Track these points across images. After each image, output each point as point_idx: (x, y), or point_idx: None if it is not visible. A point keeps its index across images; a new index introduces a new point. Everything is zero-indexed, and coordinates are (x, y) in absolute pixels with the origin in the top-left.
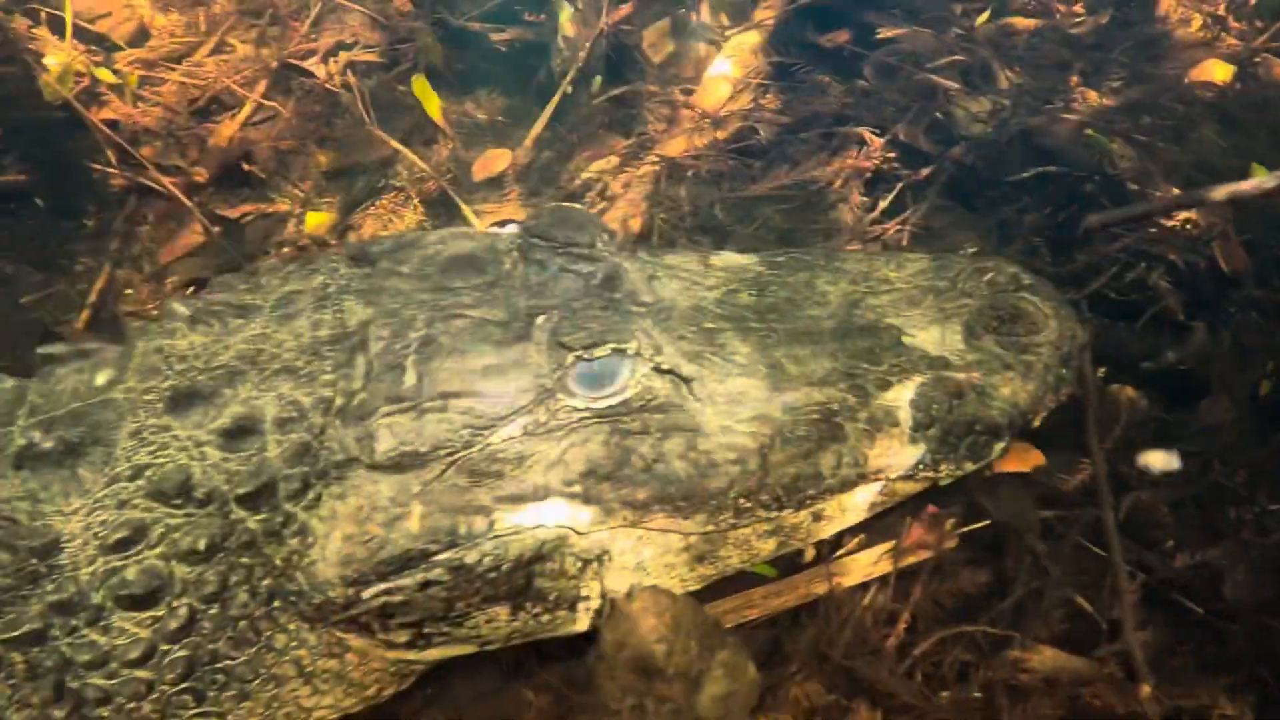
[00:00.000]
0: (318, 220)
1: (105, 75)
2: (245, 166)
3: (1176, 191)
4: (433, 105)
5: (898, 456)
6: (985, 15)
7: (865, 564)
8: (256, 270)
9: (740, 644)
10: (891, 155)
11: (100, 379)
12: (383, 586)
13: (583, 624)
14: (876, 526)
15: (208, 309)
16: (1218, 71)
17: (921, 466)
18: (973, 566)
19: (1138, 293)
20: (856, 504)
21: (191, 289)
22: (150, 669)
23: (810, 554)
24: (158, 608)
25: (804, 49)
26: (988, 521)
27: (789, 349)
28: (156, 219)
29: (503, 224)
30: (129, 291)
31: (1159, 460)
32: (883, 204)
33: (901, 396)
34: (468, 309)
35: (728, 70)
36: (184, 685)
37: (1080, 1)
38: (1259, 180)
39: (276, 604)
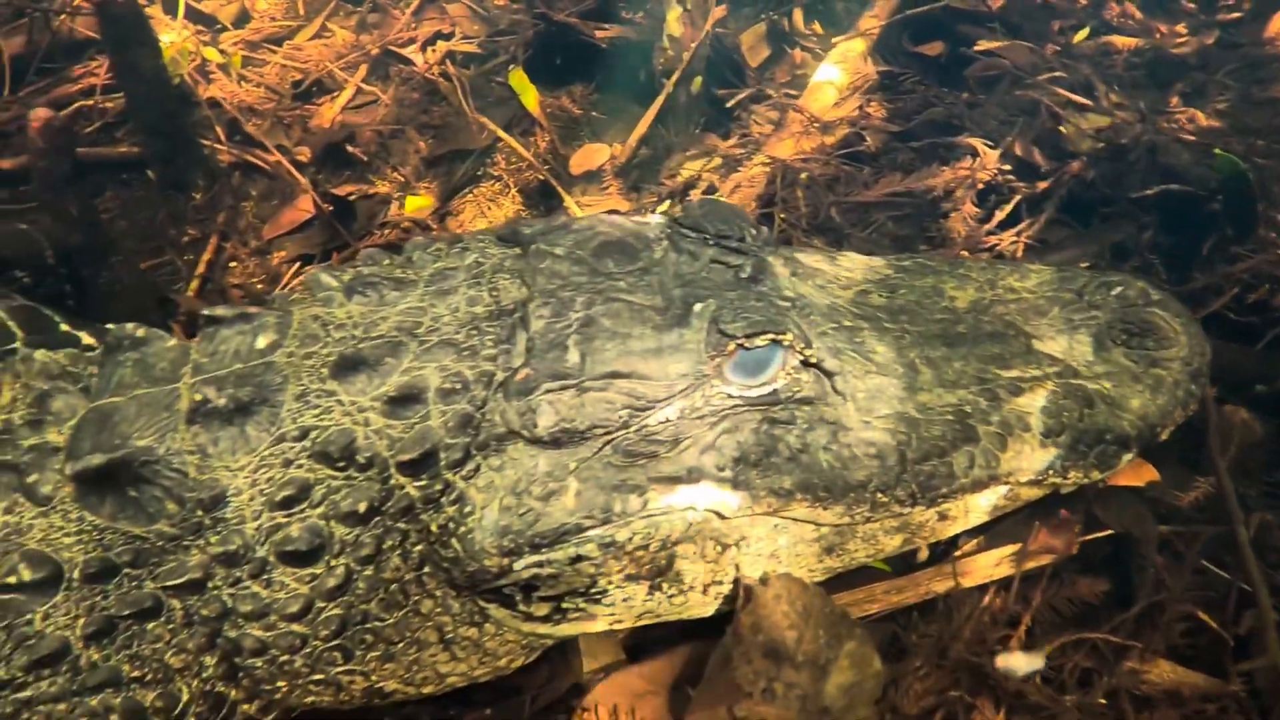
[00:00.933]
0: (418, 204)
1: (212, 54)
2: (349, 149)
3: None
4: (530, 98)
5: (1028, 461)
6: (1084, 32)
7: (986, 565)
8: (403, 248)
9: (867, 636)
10: (1006, 168)
11: (261, 342)
12: (535, 558)
13: (710, 608)
14: (993, 530)
15: (363, 280)
16: None
17: (1051, 472)
18: (1091, 575)
19: (1257, 314)
20: (980, 506)
21: (297, 264)
22: (306, 624)
23: (924, 554)
24: (317, 565)
25: (910, 59)
26: (1108, 532)
27: (922, 350)
28: (259, 195)
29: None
30: (234, 265)
31: (1021, 662)
32: (999, 215)
33: (1033, 402)
34: (623, 293)
35: (835, 76)
36: (335, 642)
37: (1183, 22)
38: None
39: (427, 570)
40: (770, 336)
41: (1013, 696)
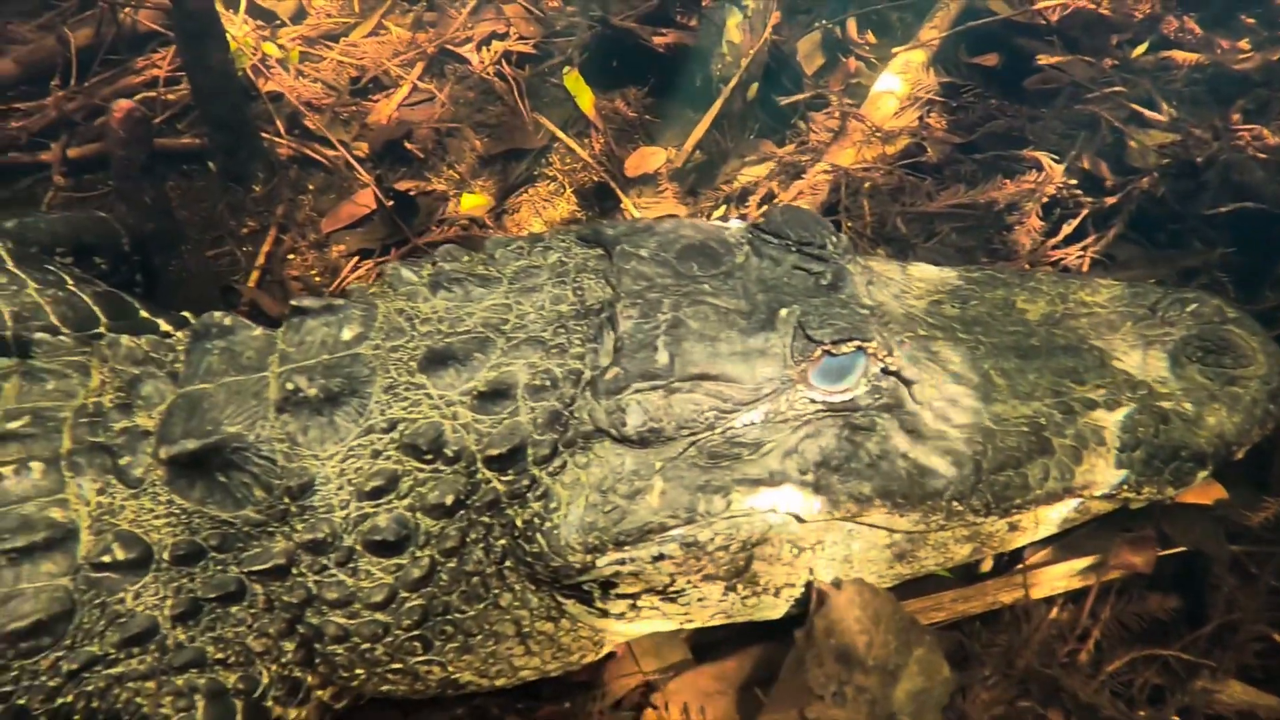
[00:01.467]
0: (474, 202)
1: (270, 49)
2: (406, 145)
3: None
4: (585, 100)
5: (1103, 475)
6: (1142, 47)
7: (1053, 577)
8: (484, 245)
9: (936, 643)
10: (1072, 182)
11: (347, 334)
12: (618, 555)
13: (780, 610)
14: (1059, 543)
15: (447, 276)
16: None
17: (1125, 487)
18: (1159, 592)
19: None
20: (1051, 518)
21: (356, 258)
22: (388, 613)
23: (988, 564)
24: (402, 556)
25: (969, 70)
26: (1180, 549)
27: (996, 361)
28: (317, 189)
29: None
30: (292, 256)
31: None
32: (1066, 229)
33: (1108, 417)
34: (709, 296)
35: (896, 86)
36: (415, 632)
37: (1245, 38)
38: None
39: (508, 564)
40: (856, 343)
41: (1085, 710)
